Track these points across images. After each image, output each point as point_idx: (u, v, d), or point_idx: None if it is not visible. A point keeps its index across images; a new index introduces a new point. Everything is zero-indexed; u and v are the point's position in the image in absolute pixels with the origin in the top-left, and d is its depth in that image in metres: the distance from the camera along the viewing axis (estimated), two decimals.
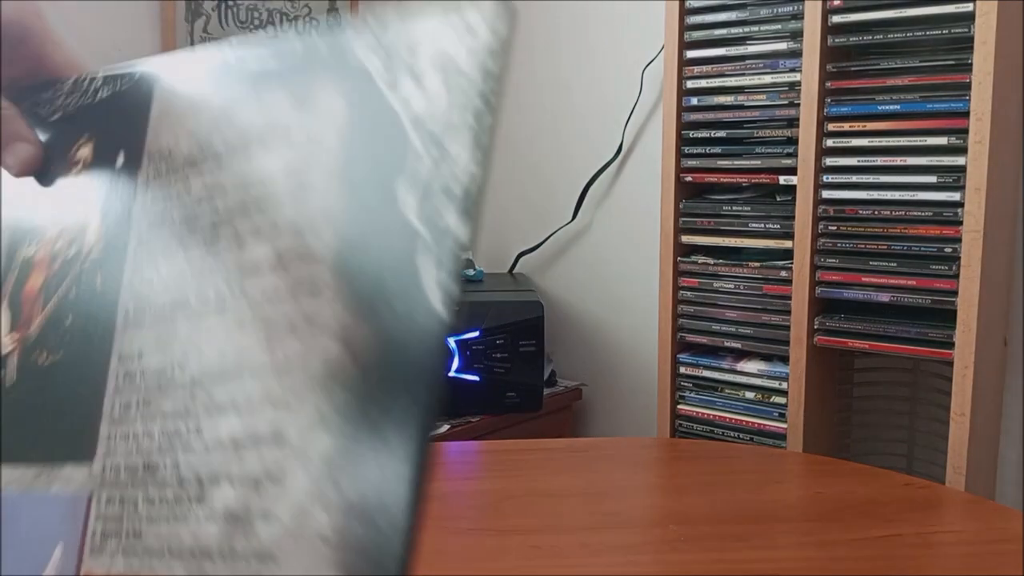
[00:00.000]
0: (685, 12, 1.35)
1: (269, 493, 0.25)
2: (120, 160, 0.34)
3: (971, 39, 1.13)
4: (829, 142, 1.25)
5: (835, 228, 1.26)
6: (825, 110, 1.25)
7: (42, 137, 0.37)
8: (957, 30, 1.14)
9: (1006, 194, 1.28)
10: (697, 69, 1.35)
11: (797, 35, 1.27)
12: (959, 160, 1.16)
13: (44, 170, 0.37)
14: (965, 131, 1.15)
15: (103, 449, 0.31)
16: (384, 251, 0.26)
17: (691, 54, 1.36)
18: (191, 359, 0.29)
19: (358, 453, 0.24)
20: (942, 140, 1.17)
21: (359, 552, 0.23)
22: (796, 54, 1.27)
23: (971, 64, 1.13)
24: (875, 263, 1.23)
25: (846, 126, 1.24)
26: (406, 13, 0.28)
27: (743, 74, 1.32)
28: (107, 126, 0.35)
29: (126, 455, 0.30)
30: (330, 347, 0.26)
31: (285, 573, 0.24)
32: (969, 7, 1.13)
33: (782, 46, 1.28)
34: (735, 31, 1.32)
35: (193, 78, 0.33)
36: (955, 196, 1.16)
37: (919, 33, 1.18)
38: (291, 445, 0.25)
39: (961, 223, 1.16)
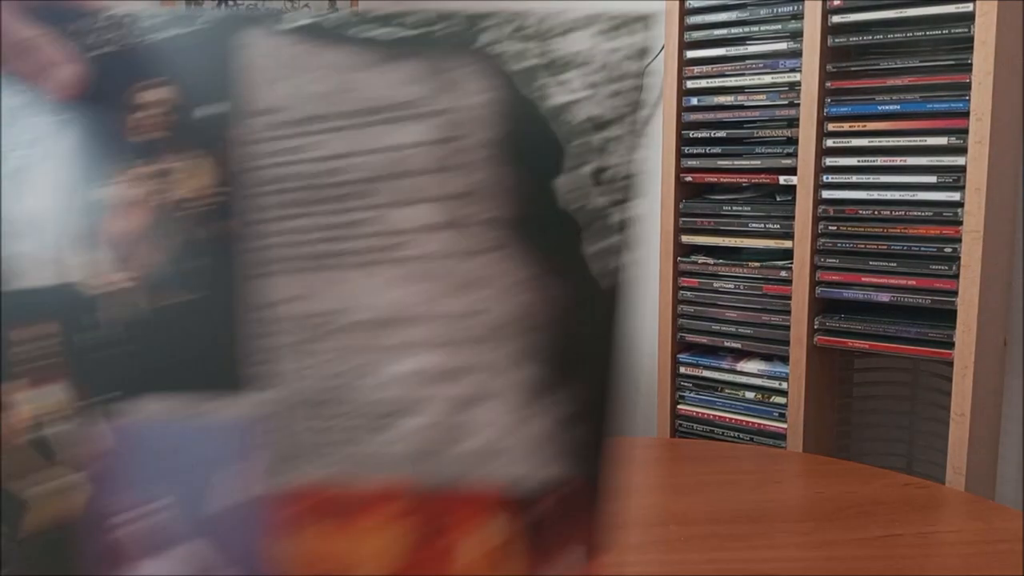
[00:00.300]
0: (685, 12, 1.35)
1: (474, 412, 0.31)
2: (206, 109, 0.34)
3: (971, 39, 1.13)
4: (829, 142, 1.25)
5: (835, 228, 1.26)
6: (825, 110, 1.25)
7: (85, 70, 0.34)
8: (957, 30, 1.14)
9: (1006, 194, 1.28)
10: (697, 69, 1.35)
11: (797, 35, 1.27)
12: (959, 160, 1.16)
13: (92, 105, 0.35)
14: (965, 131, 1.15)
15: (260, 383, 0.33)
16: (548, 221, 0.30)
17: (691, 54, 1.36)
18: (356, 304, 0.32)
19: (547, 386, 0.30)
20: (942, 140, 1.17)
21: (578, 460, 0.30)
22: (796, 54, 1.27)
23: (971, 64, 1.13)
24: (875, 263, 1.23)
25: (846, 126, 1.24)
26: (550, 15, 0.31)
27: (743, 74, 1.32)
28: (182, 72, 0.34)
29: (297, 385, 0.33)
30: (519, 298, 0.31)
31: (499, 476, 0.31)
32: (969, 7, 1.13)
33: (782, 46, 1.28)
34: (735, 31, 1.32)
35: (284, 36, 0.33)
36: (955, 196, 1.16)
37: (919, 33, 1.18)
38: (492, 374, 0.31)
39: (961, 223, 1.16)
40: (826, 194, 1.26)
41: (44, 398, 0.34)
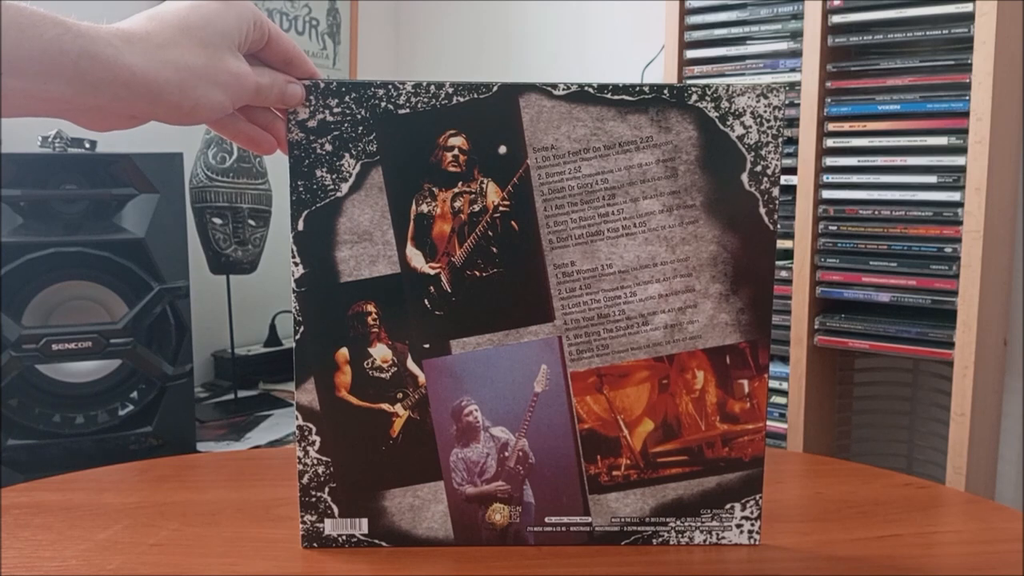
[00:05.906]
0: (685, 12, 1.35)
1: (690, 312, 0.53)
2: (502, 149, 0.51)
3: (971, 39, 1.13)
4: (829, 142, 1.25)
5: (835, 228, 1.26)
6: (825, 110, 1.25)
7: (396, 124, 0.50)
8: (957, 30, 1.14)
9: (1006, 194, 1.27)
10: (697, 69, 1.35)
11: (797, 35, 1.27)
12: (959, 160, 1.16)
13: (412, 145, 0.50)
14: (965, 131, 1.15)
15: (560, 313, 0.53)
16: (733, 200, 0.52)
17: (691, 54, 1.36)
18: (615, 261, 0.52)
19: (732, 293, 0.53)
20: (942, 140, 1.17)
21: (746, 332, 0.53)
22: (796, 54, 1.27)
23: (971, 64, 1.13)
24: (875, 263, 1.23)
25: (846, 126, 1.24)
26: (730, 85, 0.51)
27: (743, 74, 1.32)
28: (479, 123, 0.51)
29: (581, 313, 0.53)
30: (711, 247, 0.52)
31: (708, 345, 0.53)
32: (969, 7, 1.13)
33: (782, 46, 1.28)
34: (735, 31, 1.32)
35: (555, 99, 0.50)
36: (955, 196, 1.16)
37: (919, 33, 1.18)
38: (699, 292, 0.53)
39: (961, 223, 1.16)
40: (826, 194, 1.26)
41: (380, 352, 0.53)
